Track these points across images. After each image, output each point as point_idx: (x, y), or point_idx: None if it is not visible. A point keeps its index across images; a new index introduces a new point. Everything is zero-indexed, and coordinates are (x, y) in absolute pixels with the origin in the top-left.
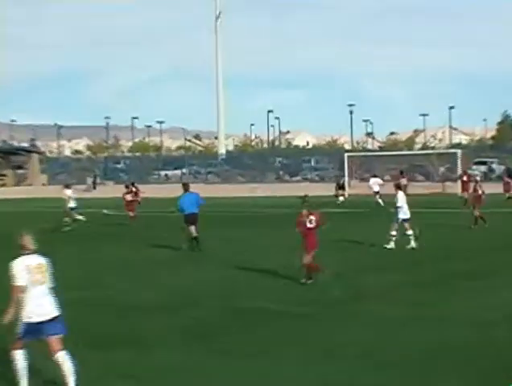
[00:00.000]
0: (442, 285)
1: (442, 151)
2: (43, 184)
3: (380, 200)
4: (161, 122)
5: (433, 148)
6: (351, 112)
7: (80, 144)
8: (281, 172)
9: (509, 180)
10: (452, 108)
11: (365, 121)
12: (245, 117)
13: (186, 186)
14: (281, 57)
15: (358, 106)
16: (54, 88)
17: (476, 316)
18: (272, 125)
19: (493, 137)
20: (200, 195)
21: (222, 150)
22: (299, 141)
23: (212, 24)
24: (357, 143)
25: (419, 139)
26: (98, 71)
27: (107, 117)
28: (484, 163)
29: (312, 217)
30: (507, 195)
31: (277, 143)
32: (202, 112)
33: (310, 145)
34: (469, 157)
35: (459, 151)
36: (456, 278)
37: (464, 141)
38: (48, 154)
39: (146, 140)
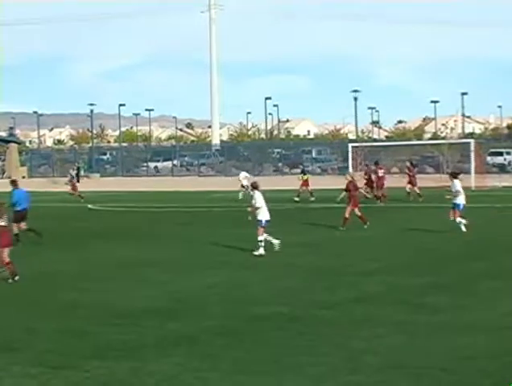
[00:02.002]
0: (466, 287)
1: (454, 141)
2: (23, 177)
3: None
4: (150, 110)
5: (444, 138)
6: (355, 99)
7: (63, 133)
8: (280, 164)
9: None
10: (464, 94)
11: (370, 108)
12: (240, 105)
13: (15, 183)
14: (280, 40)
15: (363, 93)
16: (33, 72)
17: (501, 321)
18: (270, 114)
19: (508, 127)
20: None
21: (216, 140)
22: (300, 131)
23: (205, 3)
24: (362, 133)
25: (429, 128)
26: (81, 54)
27: (91, 104)
28: (499, 154)
29: None
30: None
31: (275, 132)
32: (194, 99)
33: (311, 135)
34: (483, 147)
35: (472, 141)
36: (479, 279)
37: (477, 131)
38: (28, 145)
39: (134, 129)
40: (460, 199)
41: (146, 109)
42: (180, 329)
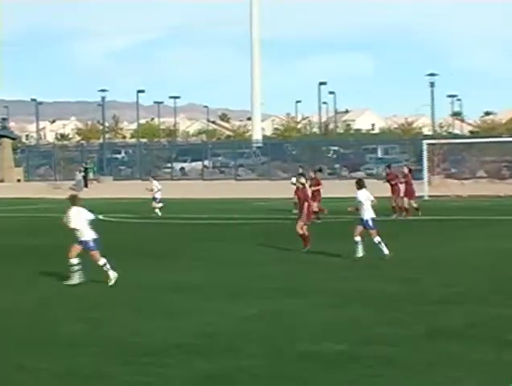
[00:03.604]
0: None
1: None
2: (18, 180)
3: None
4: (175, 98)
5: None
6: (432, 85)
7: (67, 126)
8: (337, 165)
9: None
10: None
11: (450, 96)
12: (288, 92)
13: None
14: (337, 11)
15: (442, 77)
16: (31, 51)
17: None
18: (325, 103)
19: None
20: None
21: (257, 136)
22: (362, 124)
23: None
24: (441, 127)
25: None
26: (90, 28)
27: (103, 90)
28: None
29: None
30: None
31: (331, 126)
32: (230, 84)
33: (376, 130)
34: None
35: None
36: None
37: None
38: (25, 140)
39: (156, 121)
40: (366, 214)
41: (171, 97)
42: (211, 369)
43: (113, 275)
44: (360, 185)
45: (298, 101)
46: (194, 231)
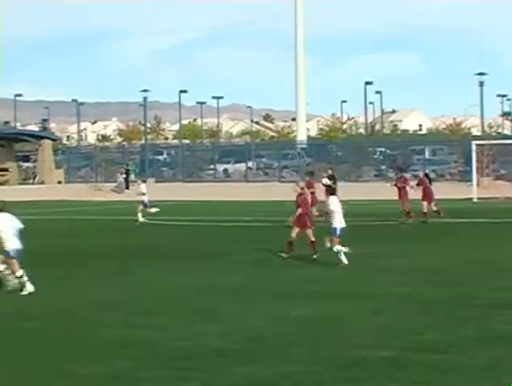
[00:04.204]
0: None
1: None
2: (59, 182)
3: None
4: (218, 98)
5: None
6: (481, 85)
7: (109, 127)
8: (383, 167)
9: None
10: None
11: (500, 96)
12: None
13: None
14: (383, 8)
15: (491, 76)
16: (72, 51)
17: None
18: (371, 103)
19: None
20: None
21: (302, 137)
22: (409, 125)
23: None
24: (490, 127)
25: None
26: (132, 28)
27: (144, 91)
28: None
29: None
30: None
31: (378, 127)
32: (274, 84)
33: (423, 130)
34: None
35: None
36: None
37: None
38: (65, 142)
39: (198, 122)
40: (336, 222)
41: (214, 97)
42: (254, 375)
43: (29, 288)
44: (331, 191)
45: (343, 101)
46: (237, 233)
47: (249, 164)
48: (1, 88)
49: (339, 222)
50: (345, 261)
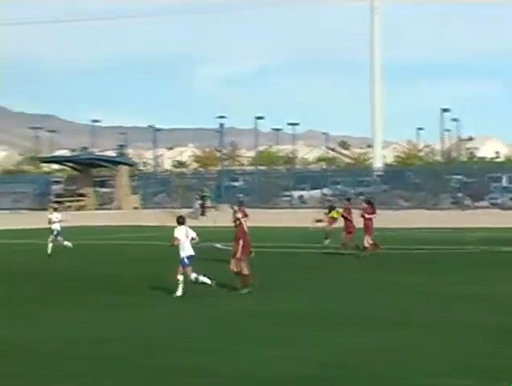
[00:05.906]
0: None
1: None
2: (135, 207)
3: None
4: (294, 124)
5: None
6: None
7: (185, 153)
8: (460, 194)
9: None
10: None
11: None
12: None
13: None
14: (460, 33)
15: None
16: (148, 78)
17: None
18: (448, 130)
19: None
20: None
21: (378, 164)
22: (486, 152)
23: None
24: None
25: None
26: (208, 54)
27: (221, 117)
28: None
29: None
30: None
31: (455, 154)
32: (350, 111)
33: (501, 158)
34: None
35: None
36: None
37: None
38: (142, 167)
39: (274, 148)
40: (183, 252)
41: (289, 124)
42: None
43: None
44: (179, 221)
45: (420, 128)
46: (309, 260)
47: (325, 190)
48: None
49: (188, 252)
50: (209, 281)
